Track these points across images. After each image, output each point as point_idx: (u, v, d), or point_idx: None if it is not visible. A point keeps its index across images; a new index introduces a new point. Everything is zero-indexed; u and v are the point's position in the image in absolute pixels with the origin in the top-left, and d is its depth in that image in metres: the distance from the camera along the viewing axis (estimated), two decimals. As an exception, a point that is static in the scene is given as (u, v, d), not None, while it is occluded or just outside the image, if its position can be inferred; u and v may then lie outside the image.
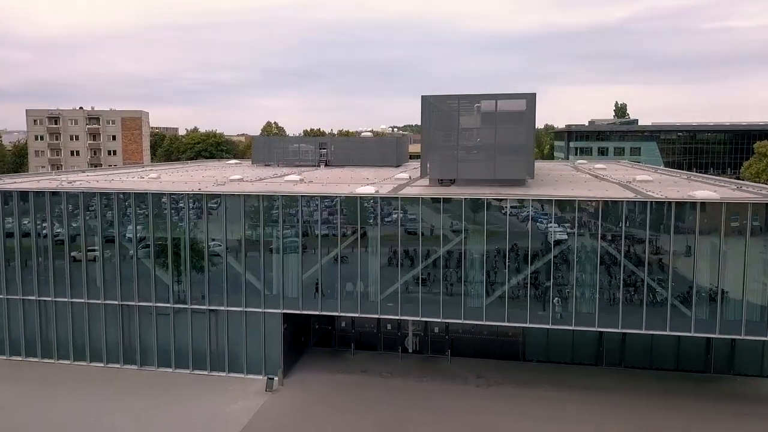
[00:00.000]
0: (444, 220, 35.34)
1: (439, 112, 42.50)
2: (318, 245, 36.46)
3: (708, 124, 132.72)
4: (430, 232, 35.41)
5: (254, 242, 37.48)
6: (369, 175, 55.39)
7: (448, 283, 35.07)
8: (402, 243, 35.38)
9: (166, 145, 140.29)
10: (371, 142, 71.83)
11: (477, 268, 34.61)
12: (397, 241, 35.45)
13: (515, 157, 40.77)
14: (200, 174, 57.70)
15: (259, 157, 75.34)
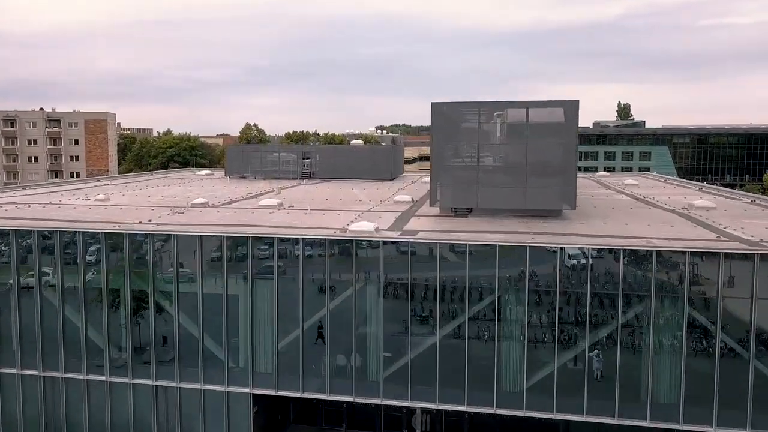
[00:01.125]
0: (469, 271, 26.78)
1: (453, 123, 34.04)
2: (300, 302, 27.83)
3: (723, 126, 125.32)
4: (451, 290, 26.90)
5: (215, 296, 28.82)
6: (361, 195, 46.86)
7: (476, 358, 26.55)
8: (413, 301, 26.86)
9: (136, 149, 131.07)
10: (362, 152, 63.30)
11: (514, 337, 26.11)
12: (407, 297, 26.93)
13: (552, 181, 32.38)
14: (161, 193, 48.96)
15: (234, 168, 66.58)
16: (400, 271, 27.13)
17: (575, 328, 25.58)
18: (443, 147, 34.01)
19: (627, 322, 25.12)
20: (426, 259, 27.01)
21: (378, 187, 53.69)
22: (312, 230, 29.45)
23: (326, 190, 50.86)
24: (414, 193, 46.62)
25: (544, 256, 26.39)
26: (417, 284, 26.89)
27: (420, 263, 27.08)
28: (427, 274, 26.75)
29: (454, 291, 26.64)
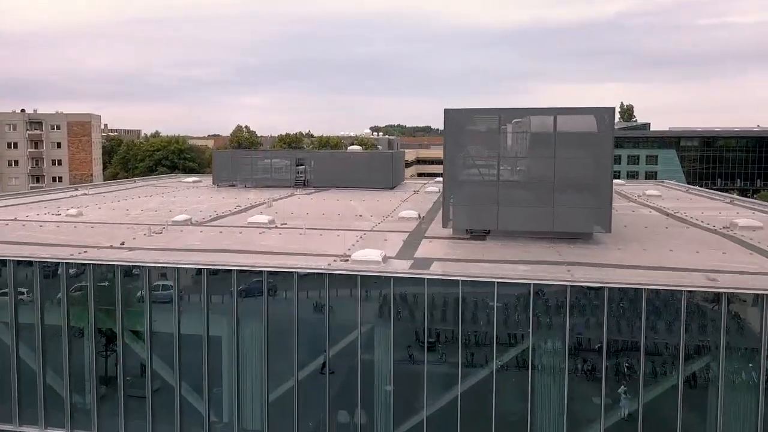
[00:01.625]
0: (496, 312, 22.68)
1: (469, 132, 30.03)
2: (294, 345, 23.71)
3: (733, 129, 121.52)
4: (474, 335, 22.78)
5: (192, 337, 24.68)
6: (361, 208, 42.82)
7: (504, 414, 22.46)
8: (430, 352, 22.70)
9: (122, 152, 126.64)
10: (360, 159, 59.22)
11: (552, 393, 22.03)
12: (421, 344, 22.81)
13: (583, 199, 28.37)
14: (141, 205, 44.79)
15: (222, 175, 62.47)
16: (413, 308, 23.04)
17: (624, 382, 21.53)
18: (457, 160, 29.94)
19: (687, 380, 21.05)
20: (444, 296, 22.91)
21: (378, 197, 49.65)
22: (308, 258, 25.39)
23: (322, 202, 46.79)
24: (419, 206, 42.62)
25: (583, 293, 22.36)
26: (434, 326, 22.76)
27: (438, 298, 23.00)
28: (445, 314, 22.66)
29: (477, 335, 22.53)
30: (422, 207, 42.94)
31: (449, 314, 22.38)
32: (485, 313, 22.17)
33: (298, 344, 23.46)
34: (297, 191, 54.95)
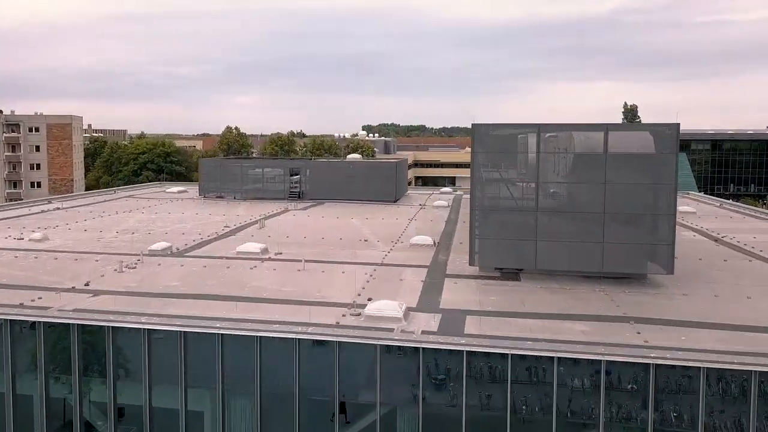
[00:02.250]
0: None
1: (502, 152, 25.45)
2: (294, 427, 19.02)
3: (746, 131, 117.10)
4: (522, 422, 18.10)
5: (166, 412, 19.97)
6: (365, 229, 38.26)
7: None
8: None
9: (106, 155, 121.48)
10: (361, 169, 54.55)
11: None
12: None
13: (640, 233, 23.83)
14: (118, 224, 40.09)
15: (209, 186, 57.75)
16: (445, 383, 18.41)
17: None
18: (487, 184, 25.30)
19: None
20: (486, 363, 18.28)
21: (382, 214, 45.07)
22: (310, 309, 20.77)
23: (320, 221, 42.14)
24: (430, 227, 38.16)
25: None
26: (474, 409, 18.07)
27: (476, 364, 18.36)
28: (488, 392, 18.00)
29: (531, 422, 17.86)
30: (434, 228, 38.37)
31: (495, 393, 17.73)
32: (540, 392, 17.51)
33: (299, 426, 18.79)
34: (291, 205, 50.28)
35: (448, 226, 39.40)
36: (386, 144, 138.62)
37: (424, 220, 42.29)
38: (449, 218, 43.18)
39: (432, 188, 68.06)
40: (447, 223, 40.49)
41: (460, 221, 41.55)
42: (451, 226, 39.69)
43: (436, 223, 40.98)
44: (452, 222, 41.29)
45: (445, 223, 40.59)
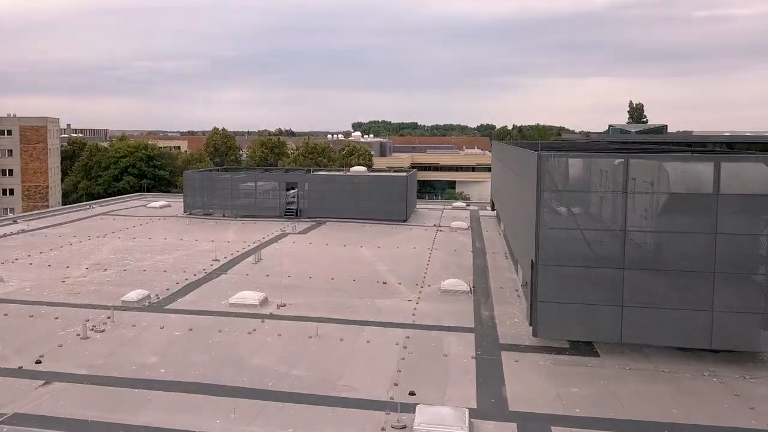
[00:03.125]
0: None
1: (572, 191, 20.09)
2: None
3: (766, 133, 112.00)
4: None
5: None
6: (381, 263, 32.82)
7: None
8: None
9: (85, 157, 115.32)
10: (367, 184, 49.01)
11: None
12: None
13: (756, 298, 18.53)
14: (87, 256, 34.52)
15: (195, 201, 52.17)
16: None
17: None
18: (554, 231, 19.87)
19: None
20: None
21: (396, 239, 39.79)
22: (334, 410, 15.42)
23: (325, 250, 36.67)
24: (456, 260, 32.98)
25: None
26: None
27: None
28: None
29: None
30: (461, 262, 33.14)
31: None
32: None
33: None
34: (288, 226, 44.76)
35: (477, 259, 34.09)
36: (382, 145, 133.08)
37: (445, 248, 36.92)
38: (474, 247, 37.91)
39: (442, 202, 62.64)
40: (474, 255, 35.18)
41: (489, 251, 36.29)
42: (480, 258, 34.38)
43: (461, 253, 35.66)
44: (479, 253, 36.00)
45: (472, 255, 35.28)
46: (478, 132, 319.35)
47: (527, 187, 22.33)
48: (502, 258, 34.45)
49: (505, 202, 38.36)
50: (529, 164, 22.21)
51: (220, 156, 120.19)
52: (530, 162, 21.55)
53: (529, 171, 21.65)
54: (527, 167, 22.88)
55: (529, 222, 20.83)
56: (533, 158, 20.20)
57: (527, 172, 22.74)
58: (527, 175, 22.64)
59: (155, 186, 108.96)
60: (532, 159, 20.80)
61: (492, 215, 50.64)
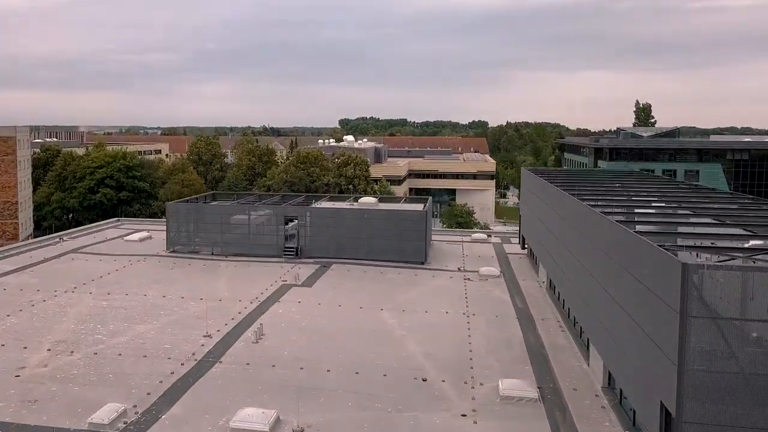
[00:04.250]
0: None
1: (745, 320, 14.40)
2: None
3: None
4: None
5: None
6: (411, 342, 27.19)
7: None
8: None
9: (59, 167, 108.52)
10: (380, 218, 43.06)
11: None
12: None
13: None
14: (48, 332, 28.64)
15: (179, 236, 46.28)
16: None
17: None
18: (710, 375, 14.13)
19: None
20: None
21: (421, 297, 34.13)
22: None
23: (339, 314, 30.88)
24: (503, 335, 27.42)
25: None
26: None
27: None
28: None
29: None
30: (508, 336, 27.63)
31: None
32: None
33: None
34: (289, 272, 39.01)
35: (528, 332, 28.46)
36: (377, 151, 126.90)
37: (484, 313, 31.21)
38: (516, 307, 32.35)
39: (458, 231, 56.64)
40: (522, 324, 29.50)
41: (536, 316, 30.66)
42: (531, 331, 28.74)
43: (505, 322, 30.02)
44: (526, 319, 30.41)
45: (518, 324, 29.60)
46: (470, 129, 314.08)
47: (627, 280, 16.81)
48: (556, 330, 28.82)
49: (554, 256, 32.74)
50: (636, 255, 16.61)
51: (204, 165, 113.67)
52: (641, 255, 15.98)
53: (638, 265, 16.10)
54: (627, 252, 17.26)
55: (643, 338, 15.11)
56: (652, 254, 14.56)
57: (625, 257, 17.10)
58: (623, 259, 17.01)
59: (134, 198, 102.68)
60: (651, 255, 15.12)
61: (521, 253, 44.98)
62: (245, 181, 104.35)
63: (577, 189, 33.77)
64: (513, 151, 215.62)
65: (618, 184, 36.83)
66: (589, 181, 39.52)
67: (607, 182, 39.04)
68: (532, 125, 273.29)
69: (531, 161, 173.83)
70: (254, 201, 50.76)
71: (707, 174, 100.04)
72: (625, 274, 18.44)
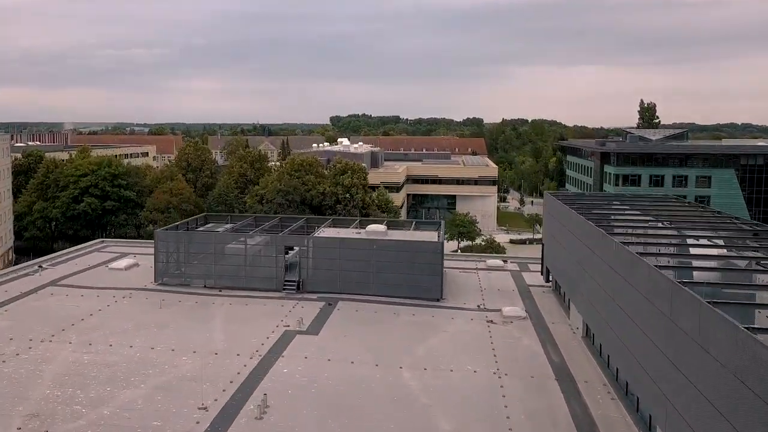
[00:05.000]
0: None
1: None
2: None
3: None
4: None
5: None
6: (440, 415, 23.74)
7: None
8: None
9: (41, 175, 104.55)
10: (391, 250, 39.53)
11: None
12: None
13: None
14: (20, 404, 25.03)
15: (168, 267, 42.82)
16: None
17: None
18: None
19: None
20: None
21: (442, 347, 30.68)
22: None
23: (352, 375, 27.38)
24: (543, 403, 23.85)
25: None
26: None
27: None
28: None
29: None
30: (551, 407, 24.07)
31: None
32: None
33: None
34: (291, 315, 35.60)
35: (572, 400, 25.05)
36: (373, 155, 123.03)
37: (517, 371, 27.79)
38: (551, 361, 28.92)
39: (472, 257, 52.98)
40: (563, 389, 26.06)
41: (578, 377, 27.19)
42: (575, 398, 25.30)
43: (541, 383, 26.62)
44: (566, 380, 26.97)
45: (558, 386, 26.21)
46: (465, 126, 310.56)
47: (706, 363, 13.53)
48: (605, 397, 25.41)
49: (593, 301, 29.37)
50: (715, 336, 13.36)
51: (194, 171, 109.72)
52: (722, 337, 12.79)
53: (718, 348, 12.85)
54: (701, 330, 13.96)
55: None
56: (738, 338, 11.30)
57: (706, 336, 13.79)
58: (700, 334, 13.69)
59: (120, 208, 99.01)
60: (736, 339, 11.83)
61: (545, 286, 41.56)
62: (236, 189, 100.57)
63: (615, 224, 30.47)
64: (511, 151, 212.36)
65: (661, 218, 33.37)
66: (625, 211, 36.06)
67: (644, 211, 35.56)
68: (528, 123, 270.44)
69: (531, 163, 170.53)
70: (250, 225, 47.28)
71: (720, 180, 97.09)
72: (700, 353, 15.34)
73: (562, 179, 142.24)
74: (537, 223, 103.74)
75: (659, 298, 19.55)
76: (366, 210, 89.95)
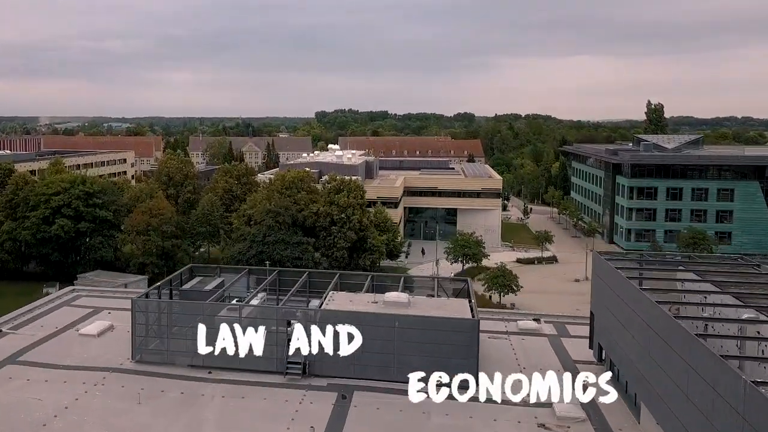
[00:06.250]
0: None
1: None
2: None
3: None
4: None
5: None
6: None
7: None
8: None
9: (9, 193, 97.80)
10: (415, 329, 33.64)
11: None
12: None
13: None
14: None
15: (147, 342, 36.85)
16: None
17: None
18: None
19: None
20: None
21: None
22: None
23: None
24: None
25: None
26: None
27: None
28: None
29: None
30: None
31: None
32: None
33: None
34: (298, 415, 29.72)
35: None
36: (368, 165, 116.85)
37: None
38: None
39: (499, 313, 46.65)
40: None
41: None
42: None
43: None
44: None
45: None
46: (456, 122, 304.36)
47: None
48: None
49: (679, 416, 23.70)
50: None
51: (175, 186, 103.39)
52: None
53: None
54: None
55: None
56: None
57: None
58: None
59: (95, 230, 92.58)
60: None
61: (596, 363, 35.84)
62: (222, 207, 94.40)
63: (691, 313, 24.88)
64: (509, 152, 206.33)
65: (742, 297, 27.70)
66: (700, 286, 30.34)
67: (721, 287, 29.83)
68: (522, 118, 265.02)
69: (531, 167, 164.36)
70: (245, 287, 41.45)
71: (743, 193, 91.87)
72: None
73: (566, 185, 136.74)
74: (545, 241, 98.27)
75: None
76: (364, 232, 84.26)
